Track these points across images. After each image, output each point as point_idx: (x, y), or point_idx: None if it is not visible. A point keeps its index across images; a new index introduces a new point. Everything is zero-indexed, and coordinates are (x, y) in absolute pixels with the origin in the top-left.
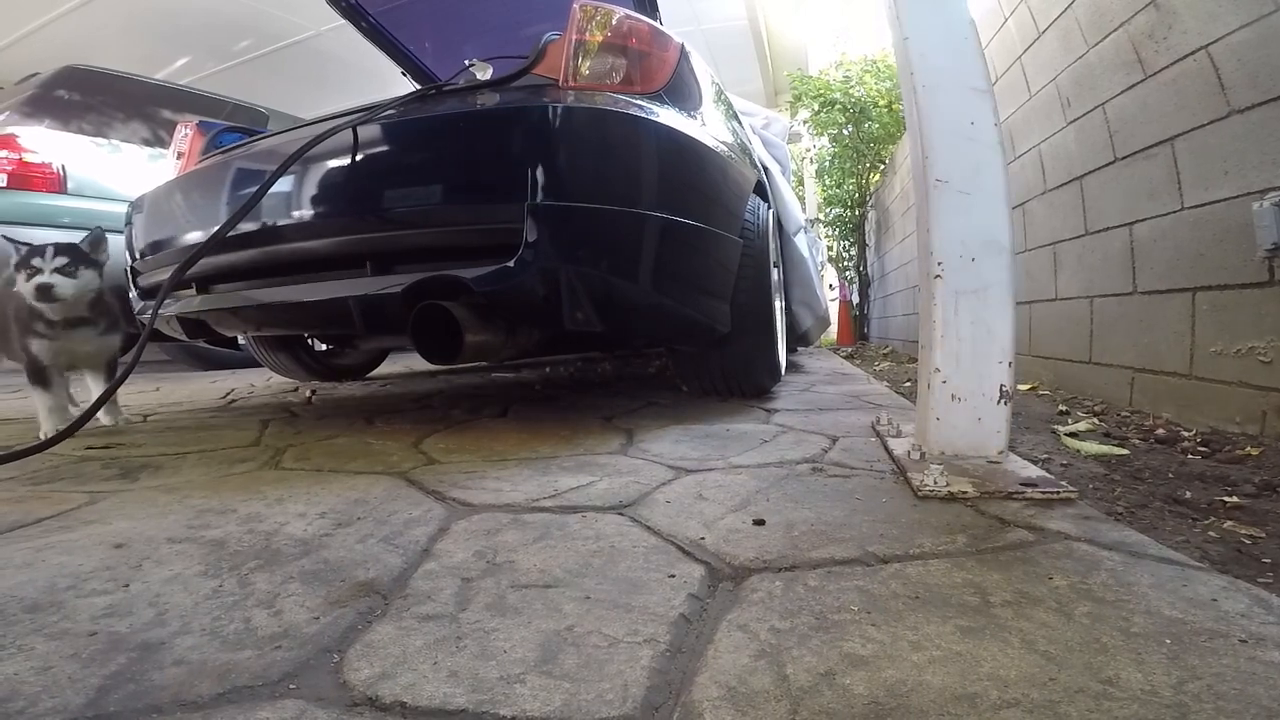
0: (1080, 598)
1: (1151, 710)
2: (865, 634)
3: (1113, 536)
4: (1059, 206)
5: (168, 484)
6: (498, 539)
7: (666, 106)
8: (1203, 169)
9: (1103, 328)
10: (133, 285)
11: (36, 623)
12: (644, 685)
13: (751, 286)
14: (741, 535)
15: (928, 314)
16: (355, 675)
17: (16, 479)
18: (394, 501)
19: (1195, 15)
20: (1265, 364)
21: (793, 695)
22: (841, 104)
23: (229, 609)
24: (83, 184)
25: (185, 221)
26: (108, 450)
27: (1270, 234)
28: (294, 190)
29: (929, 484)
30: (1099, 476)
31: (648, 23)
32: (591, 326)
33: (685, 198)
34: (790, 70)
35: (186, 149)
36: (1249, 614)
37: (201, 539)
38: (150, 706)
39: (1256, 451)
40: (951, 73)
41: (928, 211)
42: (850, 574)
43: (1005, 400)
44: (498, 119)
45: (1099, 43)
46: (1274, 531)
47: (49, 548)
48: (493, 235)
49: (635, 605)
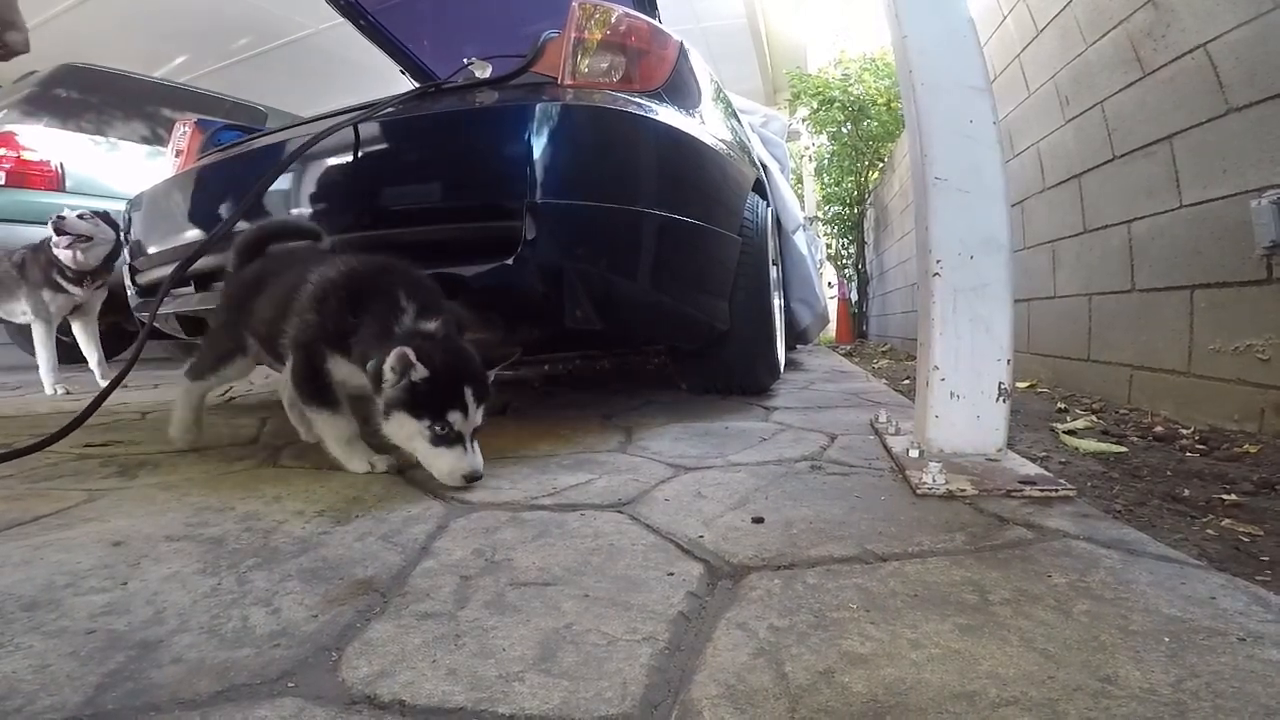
0: (1079, 596)
1: (1150, 708)
2: (864, 632)
3: (1111, 534)
4: (1058, 204)
5: (166, 482)
6: (496, 537)
7: (665, 104)
8: (1201, 167)
9: (1101, 325)
10: (131, 283)
11: (34, 620)
12: (643, 683)
13: (750, 284)
14: (740, 533)
15: (926, 312)
16: (354, 673)
17: (15, 477)
18: (392, 499)
19: (1194, 13)
20: (1263, 361)
21: (791, 693)
22: (840, 102)
23: (227, 607)
24: (81, 182)
25: (184, 219)
26: (106, 448)
27: (1268, 232)
28: (293, 188)
29: (928, 482)
30: (1097, 474)
31: (647, 21)
32: (590, 324)
33: (684, 196)
34: (789, 68)
35: (185, 147)
36: (1247, 612)
37: (200, 537)
38: (148, 705)
39: (1255, 449)
40: (950, 71)
41: (926, 209)
42: (849, 572)
43: (1004, 398)
44: (496, 117)
45: (1097, 41)
46: (1272, 529)
47: (47, 545)
48: (492, 233)
49: (634, 603)
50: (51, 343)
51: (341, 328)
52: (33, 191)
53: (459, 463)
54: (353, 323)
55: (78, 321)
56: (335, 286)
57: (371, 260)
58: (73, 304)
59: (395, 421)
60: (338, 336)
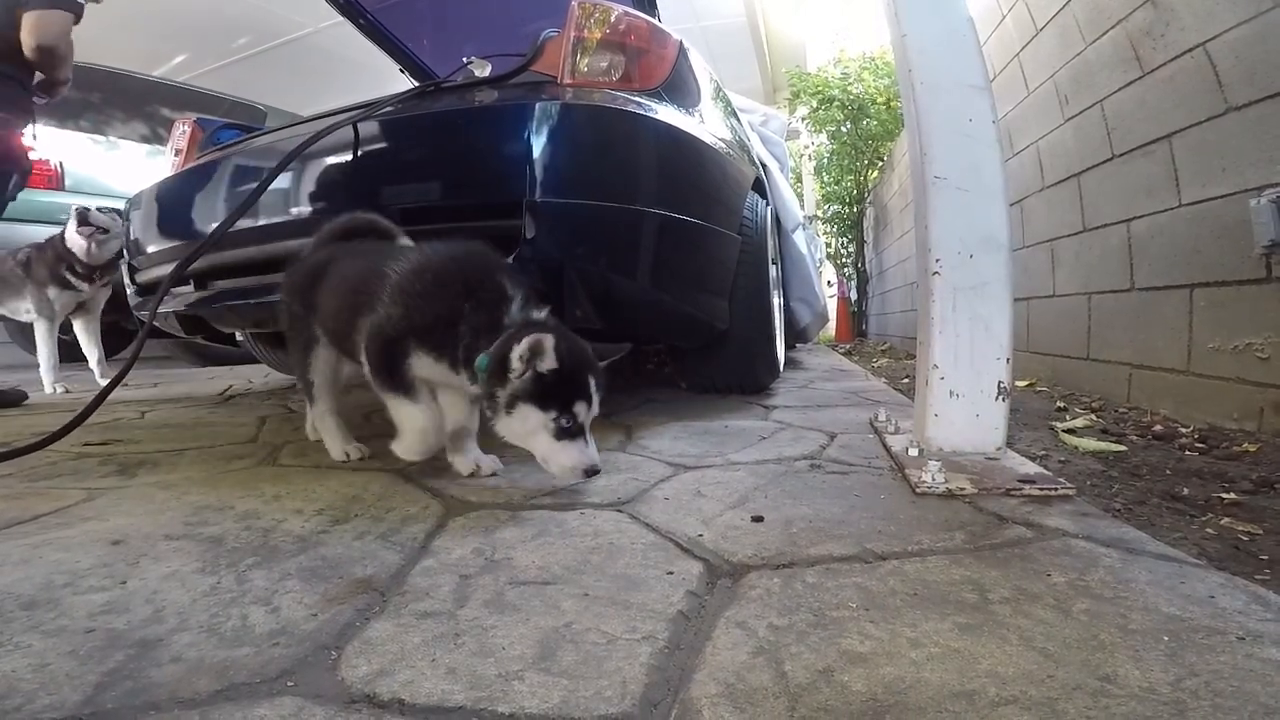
0: (1078, 594)
1: (1149, 707)
2: (863, 631)
3: (1110, 533)
4: (1057, 203)
5: (165, 481)
6: (495, 536)
7: (665, 103)
8: (1200, 166)
9: (1100, 324)
10: (130, 282)
11: (33, 620)
12: (642, 682)
13: (750, 283)
14: (740, 532)
15: (926, 310)
16: (353, 672)
17: (14, 476)
18: (391, 498)
19: (1193, 12)
20: (1262, 360)
21: (791, 692)
22: (840, 101)
23: (226, 606)
24: (80, 180)
25: (183, 218)
26: (105, 447)
27: (1267, 231)
28: (293, 186)
29: (927, 480)
30: (1097, 473)
31: (646, 20)
32: (590, 323)
33: (684, 194)
34: (789, 67)
35: (184, 146)
36: (1246, 611)
37: (199, 536)
38: (148, 704)
39: (1254, 448)
40: (950, 70)
41: (926, 208)
42: (848, 571)
43: (1003, 397)
44: (496, 116)
45: (1097, 40)
46: (1271, 528)
47: (46, 544)
48: (491, 232)
49: (634, 602)
50: (53, 341)
51: (434, 320)
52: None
53: (581, 456)
54: (448, 314)
55: (80, 319)
56: (425, 276)
57: (458, 247)
58: (77, 301)
59: (518, 415)
60: (427, 330)
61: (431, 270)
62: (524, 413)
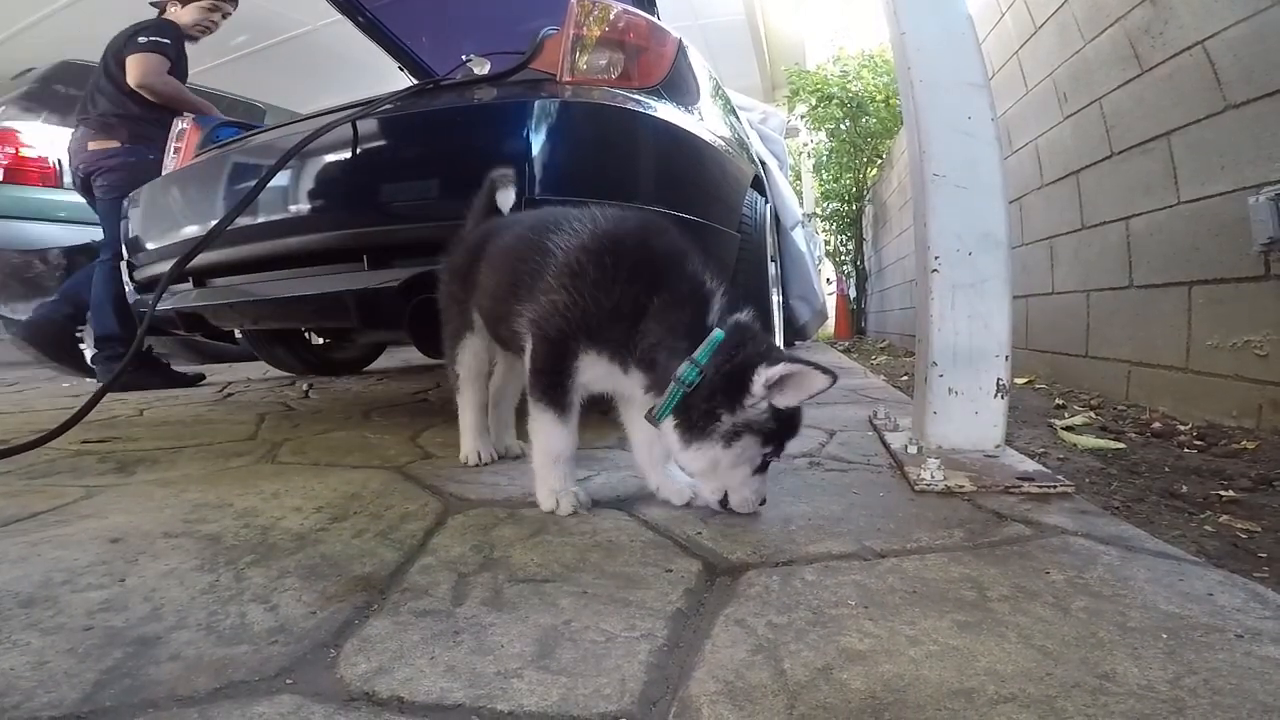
0: (1077, 592)
1: (1148, 705)
2: (862, 629)
3: (1109, 531)
4: (1055, 200)
5: (164, 478)
6: (494, 534)
7: (664, 101)
8: (1199, 164)
9: (1099, 321)
10: (129, 279)
11: (32, 617)
12: (641, 680)
13: (749, 281)
14: (738, 530)
15: (925, 308)
16: (352, 670)
17: (13, 473)
18: (390, 496)
19: (1191, 10)
20: (1261, 357)
21: (790, 690)
22: (839, 99)
23: (225, 604)
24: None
25: (182, 216)
26: (104, 445)
27: (1266, 228)
28: (292, 184)
29: (926, 478)
30: (1095, 470)
31: (645, 18)
32: None
33: (683, 192)
34: (788, 65)
35: (183, 144)
36: (1245, 609)
37: (198, 533)
38: (146, 702)
39: (1253, 445)
40: (948, 68)
41: (925, 206)
42: (847, 568)
43: (1002, 394)
44: (495, 113)
45: (1095, 38)
46: (1270, 526)
47: (45, 542)
48: None
49: (632, 600)
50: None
51: (612, 313)
52: (31, 188)
53: (762, 488)
54: (633, 308)
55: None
56: (603, 255)
57: (635, 219)
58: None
59: (737, 448)
60: (603, 325)
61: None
62: (746, 445)
